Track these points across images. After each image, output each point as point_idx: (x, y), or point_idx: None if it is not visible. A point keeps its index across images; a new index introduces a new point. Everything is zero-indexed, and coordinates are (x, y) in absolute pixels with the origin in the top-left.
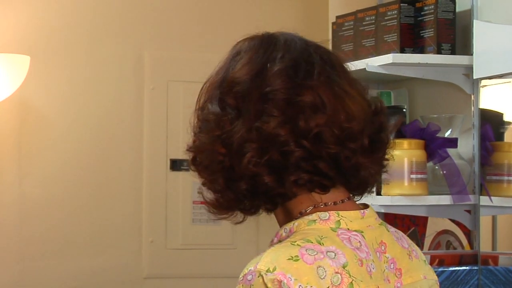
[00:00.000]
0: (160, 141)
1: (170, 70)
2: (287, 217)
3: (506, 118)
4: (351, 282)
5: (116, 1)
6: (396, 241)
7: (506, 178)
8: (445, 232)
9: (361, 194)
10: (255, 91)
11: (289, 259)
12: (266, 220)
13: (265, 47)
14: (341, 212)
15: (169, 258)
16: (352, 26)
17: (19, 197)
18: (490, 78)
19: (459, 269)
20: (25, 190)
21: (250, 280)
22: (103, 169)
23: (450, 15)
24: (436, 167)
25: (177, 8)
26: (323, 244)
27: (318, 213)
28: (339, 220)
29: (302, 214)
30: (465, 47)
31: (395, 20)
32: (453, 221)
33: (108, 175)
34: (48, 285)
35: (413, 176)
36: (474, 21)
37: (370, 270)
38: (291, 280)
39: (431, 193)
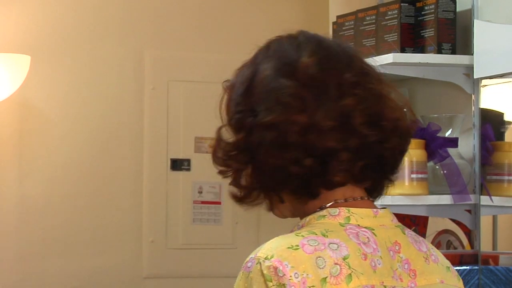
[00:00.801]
0: (160, 141)
1: (170, 70)
2: (303, 214)
3: (506, 117)
4: (350, 273)
5: (116, 1)
6: (412, 244)
7: (506, 178)
8: (446, 231)
9: (378, 195)
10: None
11: (288, 247)
12: (266, 220)
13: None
14: (352, 209)
15: (169, 258)
16: (352, 26)
17: (19, 198)
18: (490, 77)
19: (460, 269)
20: (25, 191)
21: (249, 267)
22: (103, 169)
23: (451, 14)
24: (437, 167)
25: (177, 8)
26: (327, 237)
27: (329, 209)
28: (349, 216)
29: (321, 209)
30: (466, 47)
31: (396, 20)
32: (453, 220)
33: (108, 175)
34: (48, 286)
35: (414, 175)
36: (475, 20)
37: (374, 265)
38: (287, 267)
39: (431, 192)
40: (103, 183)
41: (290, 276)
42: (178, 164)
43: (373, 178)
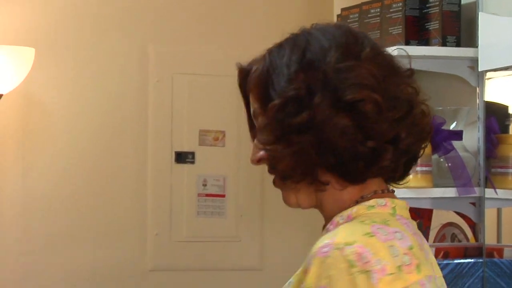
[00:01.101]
0: (164, 133)
1: (174, 63)
2: (337, 205)
3: (511, 110)
4: (419, 264)
5: None
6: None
7: (511, 170)
8: (450, 224)
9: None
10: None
11: (364, 234)
12: (270, 213)
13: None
14: (395, 200)
15: (174, 251)
16: (357, 19)
17: (22, 191)
18: (495, 70)
19: (464, 262)
20: (28, 184)
21: (326, 252)
22: (107, 162)
23: (455, 7)
24: (441, 160)
25: (181, 2)
26: (389, 226)
27: (375, 199)
28: (394, 207)
29: (363, 199)
30: (470, 40)
31: (400, 13)
32: (458, 213)
33: (112, 168)
34: (52, 279)
35: (418, 168)
36: (479, 13)
37: (426, 255)
38: (369, 253)
39: (436, 185)
40: (107, 177)
41: (373, 262)
42: (182, 157)
43: (402, 173)
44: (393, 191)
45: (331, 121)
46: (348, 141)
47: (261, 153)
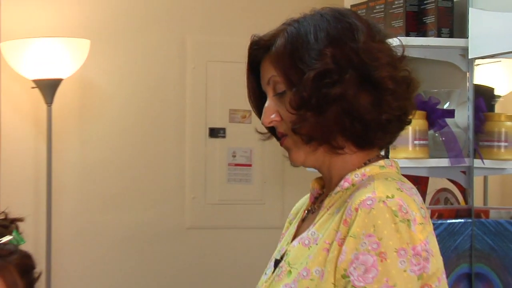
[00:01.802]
0: (200, 112)
1: (209, 52)
2: (344, 167)
3: (496, 92)
4: (429, 217)
5: None
6: None
7: (496, 143)
8: (444, 190)
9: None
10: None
11: (397, 189)
12: (290, 180)
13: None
14: (395, 160)
15: (208, 212)
16: (364, 13)
17: (80, 159)
18: (483, 57)
19: (455, 222)
20: (85, 153)
21: (370, 205)
22: (152, 136)
23: (449, 3)
24: (436, 135)
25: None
26: (404, 182)
27: (383, 160)
28: (397, 166)
29: (370, 161)
30: (462, 31)
31: (401, 8)
32: (450, 180)
33: (156, 141)
34: (104, 234)
35: (416, 142)
36: (470, 8)
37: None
38: (406, 205)
39: (431, 156)
40: (152, 148)
41: (410, 213)
42: (215, 132)
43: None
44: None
45: (359, 96)
46: (369, 114)
47: (273, 116)
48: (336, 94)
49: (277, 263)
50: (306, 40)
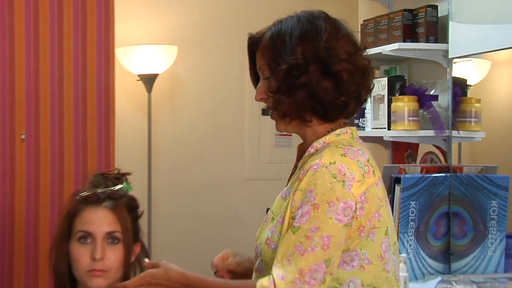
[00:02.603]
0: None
1: None
2: (315, 135)
3: (468, 82)
4: (373, 170)
5: (228, 7)
6: None
7: (468, 119)
8: (430, 153)
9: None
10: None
11: (341, 155)
12: None
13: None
14: (352, 128)
15: (261, 168)
16: (373, 26)
17: (171, 130)
18: (459, 57)
19: (438, 175)
20: (176, 128)
21: (316, 168)
22: (221, 114)
23: (434, 18)
24: (425, 113)
25: (273, 9)
26: (352, 146)
27: (340, 129)
28: (352, 132)
29: (332, 130)
30: (444, 38)
31: (400, 22)
32: (435, 146)
33: (224, 117)
34: (189, 184)
35: (410, 118)
36: (450, 22)
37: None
38: (346, 168)
39: (421, 128)
40: (221, 123)
41: (348, 174)
42: (265, 111)
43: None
44: (348, 122)
45: (320, 83)
46: (329, 97)
47: (261, 95)
48: (301, 82)
49: (267, 211)
50: (283, 39)
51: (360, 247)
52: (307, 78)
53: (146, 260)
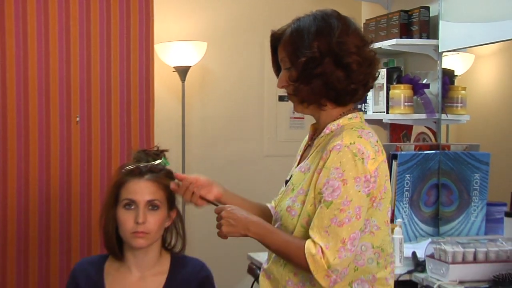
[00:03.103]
0: (273, 86)
1: None
2: (329, 117)
3: (455, 73)
4: (382, 150)
5: (250, 9)
6: None
7: (455, 104)
8: (422, 133)
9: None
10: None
11: (358, 136)
12: None
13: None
14: (360, 113)
15: (278, 146)
16: (374, 24)
17: (201, 114)
18: (448, 51)
19: (430, 152)
20: (204, 110)
21: (339, 148)
22: (243, 100)
23: (427, 18)
24: (418, 99)
25: (289, 10)
26: (364, 129)
27: (351, 114)
28: (361, 117)
29: (343, 114)
30: (435, 35)
31: (397, 21)
32: (426, 127)
33: (246, 103)
34: (216, 159)
35: (405, 103)
36: (440, 21)
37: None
38: (363, 147)
39: (415, 112)
40: (244, 108)
41: (365, 153)
42: (282, 98)
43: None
44: (356, 107)
45: (333, 73)
46: (342, 85)
47: (283, 83)
48: (318, 72)
49: (286, 182)
50: (302, 35)
51: (372, 215)
52: (322, 69)
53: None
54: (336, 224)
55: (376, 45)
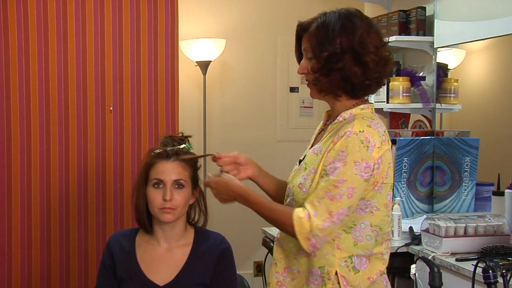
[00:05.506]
0: (284, 79)
1: (290, 45)
2: (342, 106)
3: (449, 66)
4: (388, 140)
5: (264, 9)
6: None
7: (448, 95)
8: (419, 120)
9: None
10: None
11: (367, 126)
12: None
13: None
14: (371, 104)
15: (289, 132)
16: (375, 23)
17: (221, 104)
18: (442, 47)
19: (425, 138)
20: (223, 101)
21: (348, 134)
22: (258, 92)
23: (423, 17)
24: (415, 90)
25: (299, 12)
26: (373, 119)
27: (363, 105)
28: (372, 108)
29: (356, 105)
30: (431, 32)
31: (396, 19)
32: (423, 115)
33: (260, 94)
34: (236, 144)
35: (404, 94)
36: (435, 19)
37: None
38: (370, 136)
39: (412, 102)
40: (259, 98)
41: (371, 141)
42: (293, 89)
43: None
44: (367, 100)
45: (352, 69)
46: (358, 80)
47: (304, 70)
48: (338, 67)
49: (300, 162)
50: (327, 30)
51: (372, 197)
52: (342, 64)
53: (209, 174)
54: (328, 197)
55: None
